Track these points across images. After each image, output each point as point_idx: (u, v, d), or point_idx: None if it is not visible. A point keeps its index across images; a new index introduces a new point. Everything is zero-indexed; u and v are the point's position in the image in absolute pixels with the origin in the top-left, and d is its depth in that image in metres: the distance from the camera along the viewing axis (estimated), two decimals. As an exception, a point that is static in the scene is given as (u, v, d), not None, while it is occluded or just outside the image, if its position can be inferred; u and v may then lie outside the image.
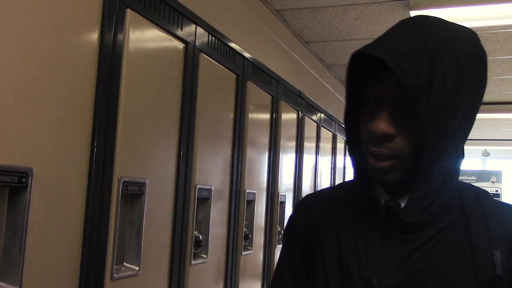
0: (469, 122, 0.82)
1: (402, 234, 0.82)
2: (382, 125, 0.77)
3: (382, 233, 0.84)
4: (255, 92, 2.68)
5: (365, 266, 0.83)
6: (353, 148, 0.89)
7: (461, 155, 0.85)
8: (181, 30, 1.94)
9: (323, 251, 0.90)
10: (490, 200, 0.87)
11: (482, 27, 3.17)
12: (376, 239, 0.84)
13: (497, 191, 8.46)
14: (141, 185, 1.69)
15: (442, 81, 0.75)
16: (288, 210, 3.28)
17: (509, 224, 0.82)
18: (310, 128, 3.72)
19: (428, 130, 0.75)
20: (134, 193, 1.67)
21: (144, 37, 1.72)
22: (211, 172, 2.23)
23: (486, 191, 0.89)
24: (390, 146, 0.79)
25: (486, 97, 5.38)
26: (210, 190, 2.18)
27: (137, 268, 1.68)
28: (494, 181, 8.61)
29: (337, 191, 0.99)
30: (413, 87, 0.74)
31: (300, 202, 1.04)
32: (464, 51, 0.78)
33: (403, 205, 0.82)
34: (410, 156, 0.79)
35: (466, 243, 0.81)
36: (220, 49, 2.28)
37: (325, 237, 0.91)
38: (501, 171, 8.69)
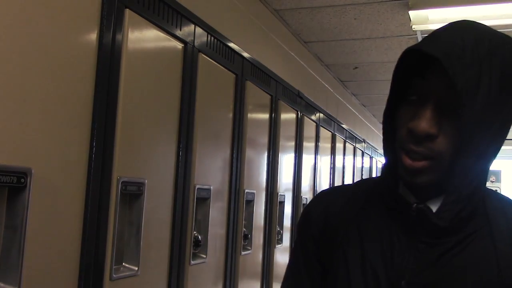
0: (506, 130, 0.82)
1: (430, 238, 0.82)
2: (425, 124, 0.77)
3: (410, 236, 0.83)
4: (254, 92, 2.68)
5: (392, 269, 0.83)
6: (387, 147, 0.88)
7: (490, 167, 0.86)
8: (180, 30, 1.94)
9: (345, 250, 0.89)
10: (511, 203, 0.88)
11: (481, 26, 3.17)
12: (402, 241, 0.84)
13: (496, 190, 8.48)
14: (140, 185, 1.69)
15: (487, 87, 0.76)
16: (288, 210, 3.28)
17: None
18: (309, 128, 3.73)
19: (469, 134, 0.75)
20: (133, 193, 1.67)
21: (143, 37, 1.72)
22: (210, 172, 2.23)
23: (509, 198, 0.90)
24: (430, 146, 0.78)
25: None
26: (209, 190, 2.18)
27: (136, 268, 1.68)
28: (493, 180, 8.61)
29: (357, 189, 0.98)
30: (462, 89, 0.74)
31: (317, 198, 1.01)
32: (510, 60, 0.79)
33: (434, 209, 0.83)
34: (447, 159, 0.79)
35: (491, 249, 0.81)
36: (219, 49, 2.28)
37: (346, 236, 0.90)
38: (501, 170, 8.69)
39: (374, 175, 6.78)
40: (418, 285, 0.81)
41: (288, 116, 3.26)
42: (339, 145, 4.70)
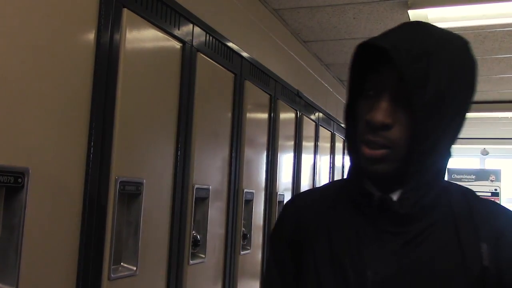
0: (459, 122, 0.86)
1: (394, 227, 0.85)
2: (381, 115, 0.81)
3: (374, 227, 0.87)
4: (253, 92, 2.68)
5: (358, 260, 0.86)
6: (350, 144, 0.92)
7: (449, 154, 0.89)
8: (178, 29, 1.94)
9: (314, 249, 0.91)
10: (475, 197, 0.91)
11: (481, 25, 3.17)
12: (368, 233, 0.87)
13: (496, 190, 8.47)
14: (138, 185, 1.69)
15: (437, 79, 0.80)
16: (287, 210, 3.28)
17: (494, 218, 0.86)
18: (308, 128, 3.72)
19: (422, 122, 0.79)
20: (131, 193, 1.67)
21: (141, 36, 1.72)
22: (209, 171, 2.22)
23: (471, 190, 0.94)
24: (386, 135, 0.82)
25: (485, 96, 5.40)
26: (208, 189, 2.18)
27: (135, 268, 1.67)
28: (493, 180, 8.61)
29: (327, 189, 1.02)
30: (411, 79, 0.78)
31: (289, 201, 1.06)
32: (458, 55, 0.84)
33: (394, 198, 0.86)
34: (404, 147, 0.82)
35: (454, 237, 0.84)
36: (217, 48, 2.28)
37: (316, 235, 0.93)
38: (500, 170, 8.69)
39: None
40: (384, 274, 0.83)
41: (287, 115, 3.26)
42: (338, 145, 4.70)
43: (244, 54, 2.55)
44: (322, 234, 0.92)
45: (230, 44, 2.38)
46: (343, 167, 4.96)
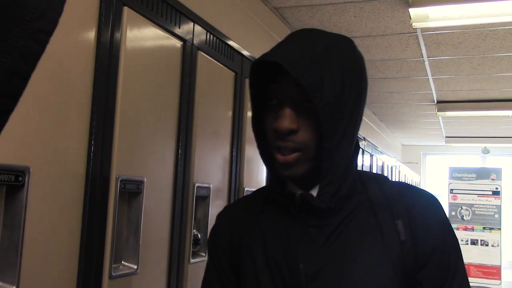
0: (357, 116, 0.93)
1: (318, 221, 0.92)
2: (286, 122, 0.88)
3: (301, 224, 0.93)
4: (253, 90, 2.67)
5: (290, 256, 0.92)
6: (264, 152, 0.99)
7: (357, 147, 0.97)
8: (179, 28, 1.94)
9: (251, 253, 0.97)
10: (387, 181, 1.00)
11: (482, 24, 3.16)
12: (296, 230, 0.93)
13: (497, 188, 8.46)
14: (139, 184, 1.69)
15: (331, 80, 0.87)
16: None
17: (403, 196, 0.95)
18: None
19: (325, 122, 0.86)
20: (132, 192, 1.67)
21: (141, 35, 1.72)
22: (210, 170, 2.22)
23: (383, 175, 1.03)
24: (294, 139, 0.89)
25: (486, 94, 5.39)
26: (208, 188, 2.18)
27: (136, 267, 1.67)
28: (494, 178, 8.60)
29: (254, 196, 1.09)
30: (307, 84, 0.85)
31: (221, 212, 1.12)
32: (345, 55, 0.92)
33: (315, 194, 0.93)
34: (313, 148, 0.90)
35: (372, 219, 0.93)
36: (218, 47, 2.28)
37: (251, 240, 0.99)
38: (501, 168, 8.67)
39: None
40: (314, 266, 0.90)
41: (288, 114, 3.25)
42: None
43: (245, 53, 2.55)
44: (257, 238, 0.98)
45: (230, 43, 2.38)
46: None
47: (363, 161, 6.03)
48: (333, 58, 0.89)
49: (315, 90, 0.85)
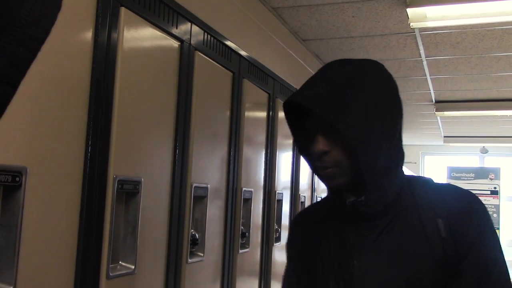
0: (392, 128, 1.04)
1: (369, 223, 1.06)
2: (318, 146, 1.03)
3: (355, 226, 1.07)
4: (251, 90, 2.68)
5: (347, 254, 1.07)
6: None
7: (399, 155, 1.08)
8: (176, 28, 1.94)
9: (320, 253, 1.12)
10: (431, 183, 1.11)
11: (479, 24, 3.17)
12: (351, 231, 1.08)
13: (495, 188, 8.47)
14: (136, 184, 1.69)
15: (353, 105, 0.99)
16: (286, 208, 3.28)
17: (446, 197, 1.06)
18: (307, 126, 3.72)
19: (353, 140, 0.99)
20: (129, 192, 1.67)
21: (138, 35, 1.72)
22: (208, 170, 2.22)
23: (429, 178, 1.12)
24: (328, 159, 1.04)
25: (484, 94, 5.40)
26: (206, 188, 2.18)
27: (133, 267, 1.67)
28: (493, 178, 8.61)
29: (322, 204, 1.25)
30: (327, 116, 1.00)
31: (296, 217, 1.31)
32: (368, 79, 1.04)
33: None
34: (348, 162, 1.03)
35: (417, 219, 1.03)
36: (216, 47, 2.28)
37: (319, 242, 1.14)
38: (500, 168, 8.69)
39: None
40: (365, 262, 1.03)
41: (286, 114, 3.25)
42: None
43: (243, 53, 2.55)
44: (323, 241, 1.13)
45: (228, 43, 2.38)
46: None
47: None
48: (356, 84, 1.02)
49: (336, 119, 0.98)
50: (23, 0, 0.51)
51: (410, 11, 2.91)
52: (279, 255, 3.14)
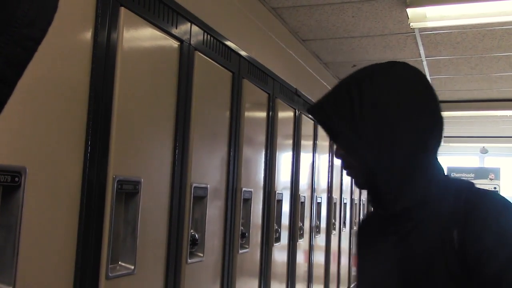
0: (410, 133, 1.02)
1: (392, 227, 1.08)
2: (336, 152, 1.12)
3: (383, 230, 1.12)
4: (251, 90, 2.67)
5: (375, 256, 1.13)
6: None
7: (421, 160, 1.04)
8: (176, 28, 1.94)
9: (366, 254, 1.22)
10: (465, 189, 1.05)
11: (479, 24, 3.17)
12: (381, 235, 1.13)
13: (495, 188, 8.47)
14: (136, 184, 1.68)
15: (360, 111, 1.01)
16: (286, 209, 3.28)
17: (468, 203, 1.00)
18: (307, 126, 3.72)
19: (361, 148, 1.03)
20: (129, 192, 1.67)
21: (138, 35, 1.72)
22: (207, 170, 2.22)
23: (469, 183, 1.09)
24: (344, 161, 1.12)
25: (484, 94, 5.40)
26: (206, 188, 2.18)
27: (133, 267, 1.67)
28: (492, 178, 8.61)
29: (372, 212, 1.31)
30: (335, 125, 1.05)
31: (362, 219, 1.44)
32: (380, 80, 1.04)
33: None
34: (362, 167, 1.07)
35: (438, 227, 1.01)
36: (215, 47, 2.28)
37: (367, 243, 1.23)
38: (499, 168, 8.69)
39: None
40: (389, 264, 1.07)
41: (285, 114, 3.26)
42: (337, 143, 4.68)
43: (242, 53, 2.55)
44: (368, 244, 1.21)
45: (228, 43, 2.38)
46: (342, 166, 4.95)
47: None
48: (365, 90, 1.02)
49: (343, 126, 1.03)
50: (20, 0, 0.51)
51: (410, 11, 2.91)
52: (279, 256, 3.14)
